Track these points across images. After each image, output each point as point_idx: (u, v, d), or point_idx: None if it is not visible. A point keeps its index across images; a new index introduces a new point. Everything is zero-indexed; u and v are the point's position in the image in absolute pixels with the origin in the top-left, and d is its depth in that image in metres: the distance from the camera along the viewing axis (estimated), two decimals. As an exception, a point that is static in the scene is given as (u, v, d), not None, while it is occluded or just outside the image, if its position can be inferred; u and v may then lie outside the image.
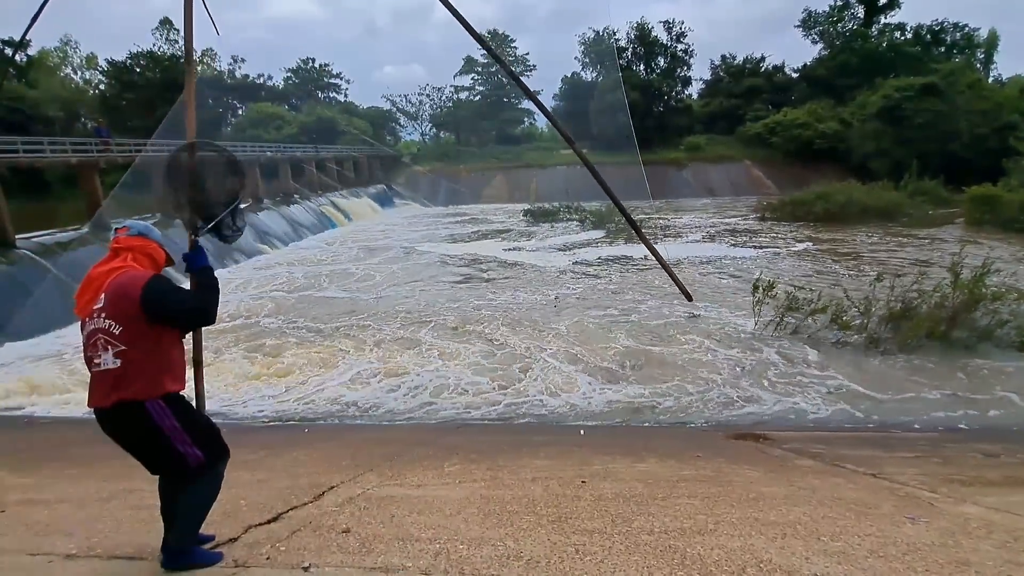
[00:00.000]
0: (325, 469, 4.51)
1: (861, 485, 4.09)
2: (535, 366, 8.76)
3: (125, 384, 1.96)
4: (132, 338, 1.96)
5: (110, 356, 1.95)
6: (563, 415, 7.30)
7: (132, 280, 1.98)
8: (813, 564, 2.27)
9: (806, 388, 7.88)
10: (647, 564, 2.29)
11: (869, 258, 16.72)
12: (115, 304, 1.95)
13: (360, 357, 9.50)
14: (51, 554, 2.44)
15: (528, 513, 3.10)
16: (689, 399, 7.62)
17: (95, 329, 1.97)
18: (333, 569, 2.24)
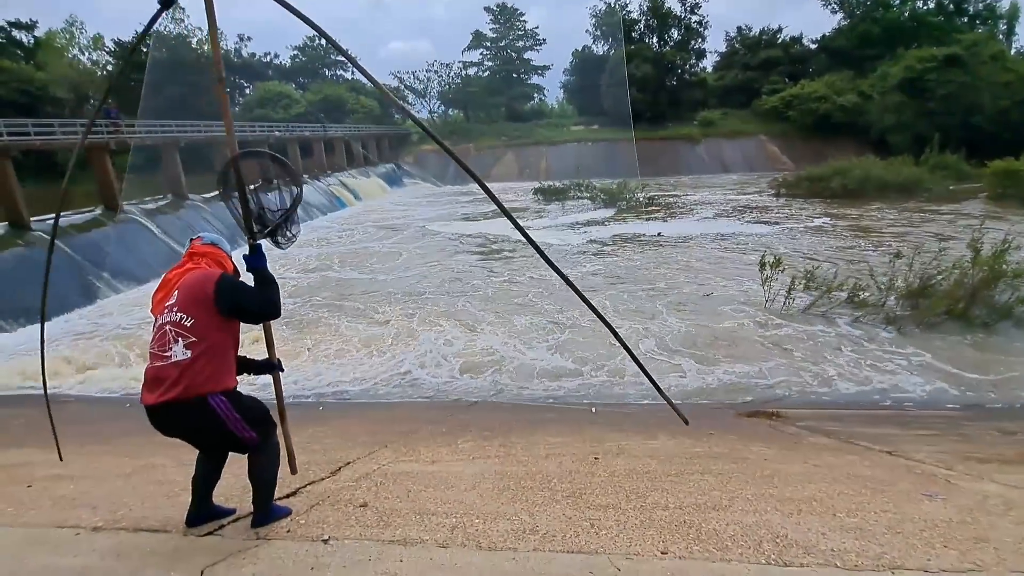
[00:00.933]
0: (341, 445, 4.57)
1: (877, 462, 4.07)
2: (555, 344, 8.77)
3: (191, 376, 2.05)
4: (203, 331, 2.07)
5: (180, 347, 2.04)
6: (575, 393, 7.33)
7: (206, 275, 2.12)
8: (829, 540, 2.26)
9: (820, 366, 7.81)
10: (662, 538, 2.29)
11: (887, 234, 16.40)
12: (189, 298, 2.07)
13: (375, 337, 9.58)
14: (78, 527, 2.51)
15: (543, 488, 3.12)
16: (702, 377, 7.61)
17: (166, 322, 2.07)
18: (352, 541, 2.28)
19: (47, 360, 9.40)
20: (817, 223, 18.74)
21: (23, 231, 14.43)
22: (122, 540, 2.33)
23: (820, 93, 37.96)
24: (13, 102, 31.10)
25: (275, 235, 2.33)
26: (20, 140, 15.82)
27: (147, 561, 2.12)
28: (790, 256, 13.15)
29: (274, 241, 2.34)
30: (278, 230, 2.31)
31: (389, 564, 2.04)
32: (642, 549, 2.18)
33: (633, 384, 7.46)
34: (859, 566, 2.02)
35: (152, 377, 2.12)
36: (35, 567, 2.12)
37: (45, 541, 2.35)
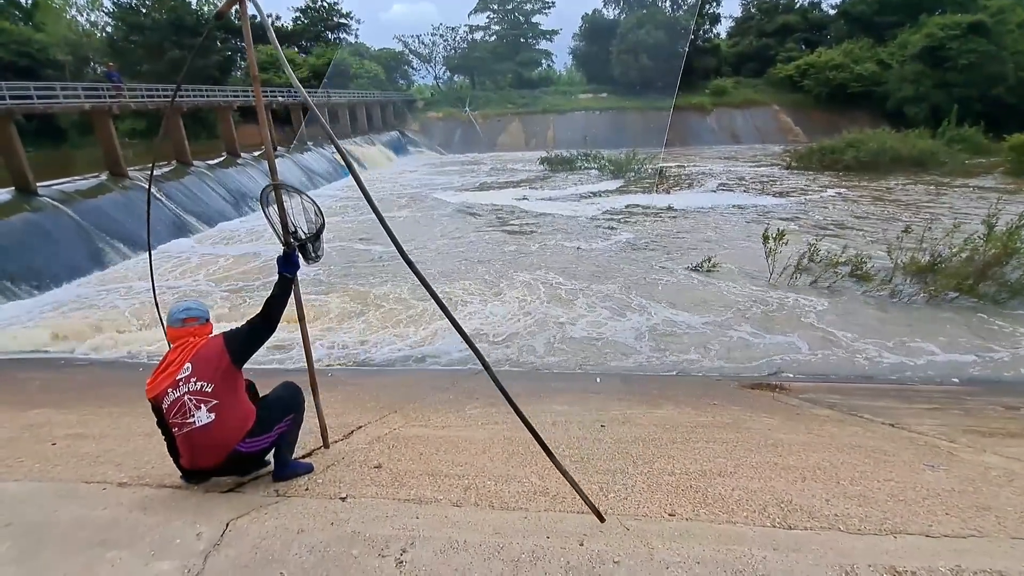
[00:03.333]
0: (351, 410, 4.66)
1: (879, 434, 4.13)
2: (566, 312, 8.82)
3: (221, 435, 2.32)
4: (221, 393, 2.32)
5: (204, 412, 2.28)
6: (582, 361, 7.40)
7: (212, 341, 2.38)
8: (833, 506, 2.32)
9: (824, 339, 7.84)
10: (670, 501, 2.36)
11: (898, 208, 16.19)
12: (205, 368, 2.29)
13: (384, 305, 9.64)
14: (104, 482, 2.60)
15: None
16: (705, 349, 7.66)
17: (183, 394, 2.28)
18: (369, 499, 2.35)
19: (53, 326, 9.50)
20: (827, 196, 18.50)
21: (30, 196, 14.41)
22: (148, 495, 2.42)
23: (837, 62, 36.87)
24: (13, 64, 30.67)
25: (305, 248, 2.63)
26: (22, 103, 15.65)
27: (172, 515, 2.20)
28: (798, 229, 13.05)
29: (304, 256, 2.63)
30: (308, 246, 2.63)
31: (406, 520, 2.11)
32: (650, 511, 2.25)
33: (636, 354, 7.54)
34: (862, 530, 2.08)
35: (184, 443, 2.36)
36: (67, 518, 2.21)
37: (74, 495, 2.44)
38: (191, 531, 2.05)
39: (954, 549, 1.93)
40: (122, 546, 2.00)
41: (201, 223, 17.73)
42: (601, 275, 10.85)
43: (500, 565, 1.82)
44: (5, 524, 2.16)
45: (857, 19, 42.33)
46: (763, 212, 16.40)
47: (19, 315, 10.31)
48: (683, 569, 1.77)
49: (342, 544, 1.95)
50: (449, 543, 1.93)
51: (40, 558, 1.97)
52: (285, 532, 2.02)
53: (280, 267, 2.56)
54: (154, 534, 2.05)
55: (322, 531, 2.03)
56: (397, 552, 1.89)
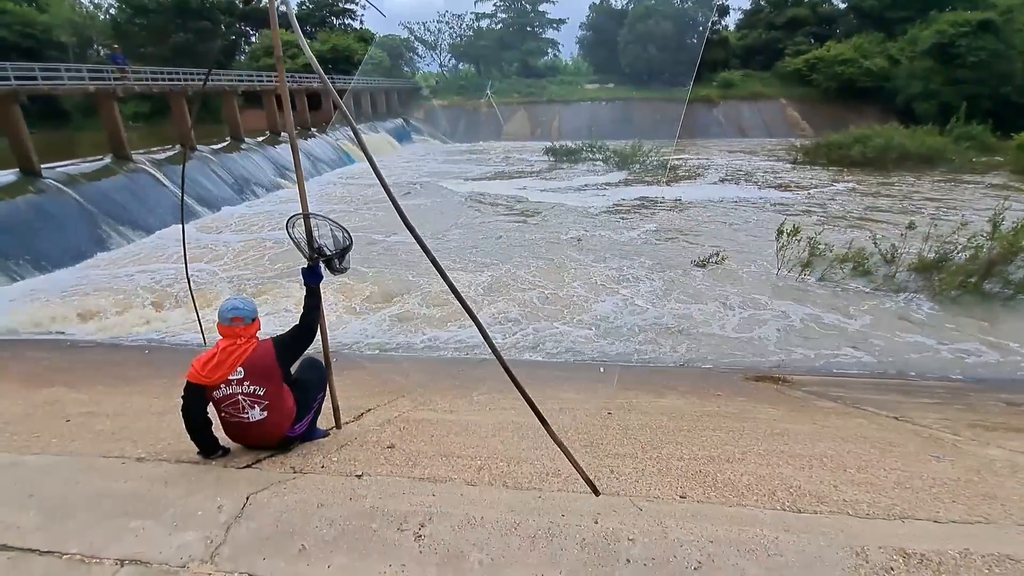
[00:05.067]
0: (360, 394, 4.71)
1: (884, 426, 4.17)
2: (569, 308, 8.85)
3: (273, 428, 2.65)
4: (272, 395, 2.60)
5: (257, 411, 2.58)
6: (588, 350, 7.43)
7: (263, 352, 2.59)
8: (841, 492, 2.36)
9: (827, 334, 7.88)
10: (680, 485, 2.40)
11: (905, 205, 16.14)
12: (257, 374, 2.55)
13: (389, 292, 9.67)
14: (122, 457, 2.64)
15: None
16: (709, 341, 7.69)
17: (237, 393, 2.55)
18: (384, 477, 2.39)
19: (63, 306, 9.55)
20: (833, 191, 18.43)
21: (34, 178, 14.40)
22: (167, 469, 2.46)
23: (846, 56, 36.51)
24: (17, 46, 30.51)
25: (331, 263, 2.85)
26: (27, 84, 15.58)
27: (193, 488, 2.24)
28: (806, 224, 13.01)
29: (330, 268, 2.85)
30: (333, 261, 2.84)
31: (423, 497, 2.15)
32: (661, 493, 2.29)
33: (638, 344, 7.57)
34: (871, 515, 2.11)
35: (234, 430, 2.66)
36: (90, 491, 2.25)
37: (94, 468, 2.49)
38: (212, 504, 2.09)
39: (962, 534, 1.97)
40: (145, 516, 2.04)
41: (205, 207, 17.74)
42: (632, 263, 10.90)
43: (517, 540, 1.86)
44: (29, 495, 2.20)
45: (867, 14, 41.90)
46: (771, 206, 16.37)
47: (24, 296, 10.36)
48: (696, 548, 1.80)
49: (361, 518, 1.98)
50: (466, 519, 1.96)
51: (65, 527, 2.01)
52: (305, 506, 2.06)
53: (305, 279, 2.81)
54: (176, 506, 2.09)
55: (341, 506, 2.07)
56: (415, 527, 1.93)
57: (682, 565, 1.73)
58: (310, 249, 2.79)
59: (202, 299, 9.67)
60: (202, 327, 5.01)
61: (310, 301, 2.79)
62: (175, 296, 9.81)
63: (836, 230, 12.94)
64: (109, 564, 1.81)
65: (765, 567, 1.72)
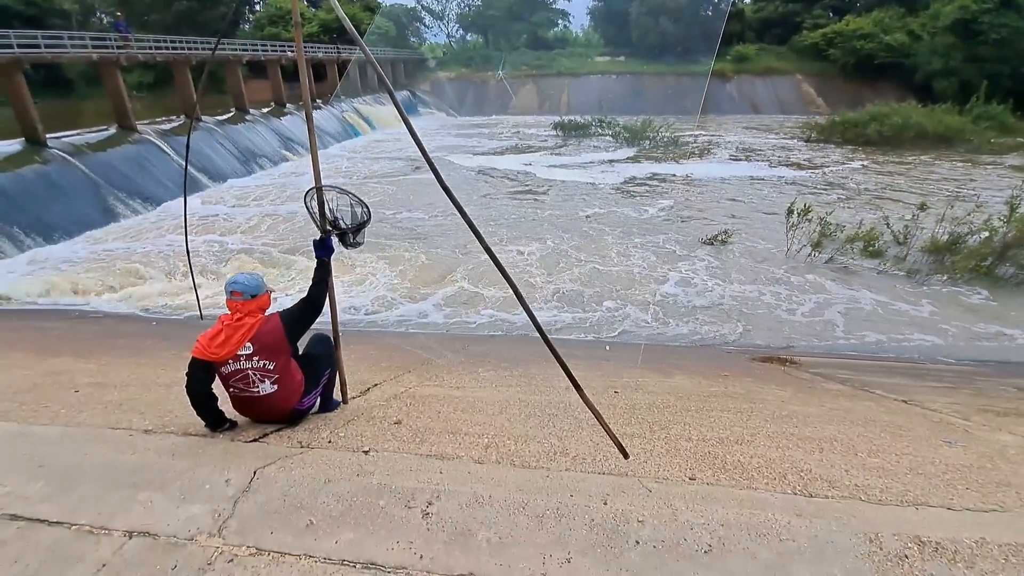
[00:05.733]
0: (366, 368, 4.71)
1: (893, 410, 4.12)
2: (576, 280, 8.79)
3: (282, 399, 2.65)
4: (282, 368, 2.60)
5: (267, 384, 2.58)
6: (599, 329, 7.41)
7: (271, 327, 2.57)
8: (853, 476, 2.33)
9: (836, 316, 7.81)
10: (690, 466, 2.37)
11: (921, 186, 15.83)
12: (266, 348, 2.54)
13: (393, 268, 9.64)
14: (130, 428, 2.64)
15: (567, 416, 3.22)
16: (716, 321, 7.65)
17: (247, 368, 2.54)
18: (391, 453, 2.38)
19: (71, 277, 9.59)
20: (847, 170, 18.08)
21: (39, 148, 14.31)
22: (174, 442, 2.46)
23: (866, 31, 35.40)
24: (20, 14, 30.04)
25: (344, 237, 2.81)
26: (31, 52, 15.36)
27: (200, 461, 2.24)
28: (818, 203, 12.81)
29: (343, 242, 2.82)
30: (346, 236, 2.81)
31: (430, 475, 2.14)
32: (670, 474, 2.27)
33: (644, 324, 7.54)
34: (883, 501, 2.08)
35: (244, 404, 2.68)
36: (99, 461, 2.25)
37: (102, 439, 2.49)
38: (220, 477, 2.08)
39: (977, 522, 1.94)
40: (153, 488, 2.04)
41: (210, 179, 17.63)
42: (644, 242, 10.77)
43: (525, 520, 1.84)
44: (39, 465, 2.21)
45: (889, -14, 40.43)
46: (785, 184, 16.11)
47: (33, 266, 10.41)
48: (707, 531, 1.78)
49: (368, 494, 1.97)
50: (474, 497, 1.95)
51: (73, 497, 2.01)
52: (312, 481, 2.05)
53: (316, 251, 2.77)
54: (183, 479, 2.09)
55: (348, 481, 2.06)
56: (423, 504, 1.91)
57: (692, 548, 1.71)
58: (322, 220, 2.74)
59: (214, 272, 9.71)
60: (199, 301, 5.11)
61: (319, 274, 2.76)
62: (182, 268, 9.82)
63: (849, 210, 12.74)
64: (117, 536, 1.81)
65: (777, 552, 1.70)
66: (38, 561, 1.72)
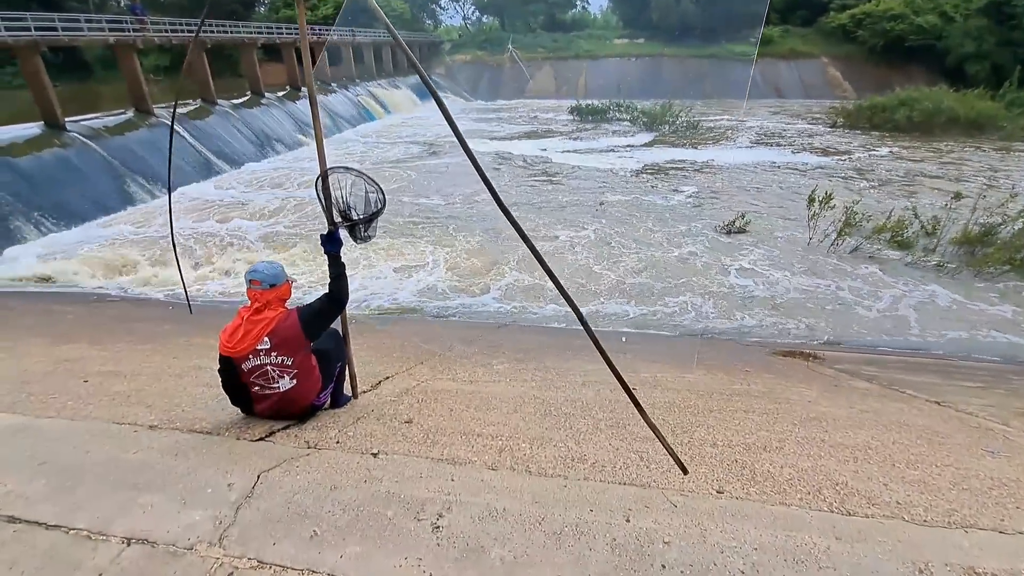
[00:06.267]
0: (377, 360, 4.62)
1: (927, 412, 3.93)
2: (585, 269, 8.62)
3: (302, 395, 2.62)
4: (301, 364, 2.56)
5: (287, 380, 2.54)
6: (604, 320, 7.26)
7: (289, 323, 2.50)
8: (893, 491, 2.17)
9: (860, 309, 7.55)
10: (716, 477, 2.23)
11: (952, 174, 15.24)
12: (284, 344, 2.48)
13: (408, 256, 9.56)
14: (135, 424, 2.58)
15: (584, 416, 3.09)
16: (735, 313, 7.44)
17: (264, 363, 2.49)
18: (401, 456, 2.28)
19: (91, 260, 9.65)
20: (874, 157, 17.49)
21: (59, 131, 14.41)
22: (178, 440, 2.38)
23: (896, 11, 34.01)
24: (38, -5, 30.15)
25: (354, 230, 2.68)
26: (47, 35, 15.39)
27: (204, 460, 2.16)
28: (844, 191, 12.41)
29: (352, 235, 2.71)
30: (356, 228, 2.67)
31: (442, 482, 2.03)
32: (696, 486, 2.13)
33: (654, 316, 7.36)
34: (928, 521, 1.93)
35: (264, 401, 2.59)
36: (100, 459, 2.19)
37: (106, 435, 2.42)
38: (222, 480, 2.00)
39: (1035, 549, 1.78)
40: (154, 490, 1.96)
41: (226, 163, 17.65)
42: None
43: (542, 537, 1.73)
44: (40, 463, 2.15)
45: (922, -35, 38.75)
46: (808, 171, 15.64)
47: (53, 250, 10.52)
48: (739, 555, 1.65)
49: (376, 503, 1.87)
50: (487, 510, 1.84)
51: (74, 497, 1.95)
52: (318, 488, 1.96)
53: (324, 246, 2.66)
54: (185, 481, 2.01)
55: (355, 488, 1.96)
56: (433, 516, 1.81)
57: (724, 575, 1.58)
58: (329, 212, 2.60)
59: (236, 257, 9.72)
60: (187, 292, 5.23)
61: (333, 270, 2.67)
62: (198, 252, 9.85)
63: (876, 199, 12.32)
64: (115, 542, 1.73)
65: (815, 580, 1.57)
66: (34, 568, 1.65)
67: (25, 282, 9.07)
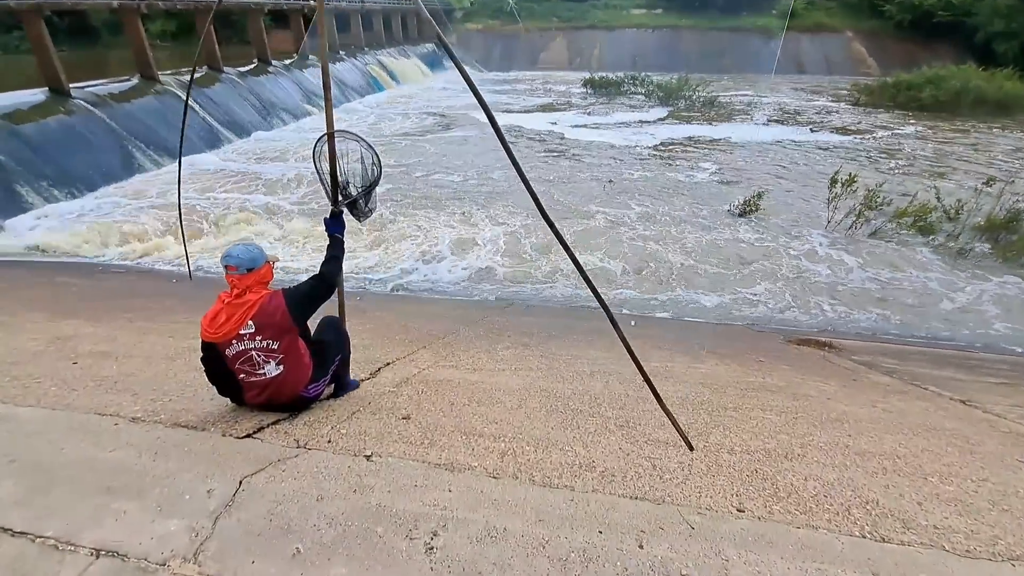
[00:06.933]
0: (380, 343, 4.47)
1: (952, 412, 3.73)
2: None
3: (290, 383, 2.49)
4: (287, 348, 2.43)
5: (272, 366, 2.41)
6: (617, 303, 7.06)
7: (273, 305, 2.38)
8: (929, 513, 1.99)
9: (879, 296, 7.29)
10: (736, 491, 2.06)
11: (978, 157, 14.66)
12: (268, 327, 2.36)
13: (416, 230, 9.35)
14: (117, 415, 2.44)
15: (593, 414, 2.93)
16: (748, 297, 7.22)
17: (248, 348, 2.36)
18: (396, 460, 2.13)
19: (89, 231, 9.50)
20: (900, 136, 16.87)
21: (64, 98, 14.16)
22: (160, 436, 2.24)
23: (927, -16, 32.51)
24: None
25: (355, 206, 2.63)
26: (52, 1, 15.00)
27: (183, 464, 2.02)
28: (865, 172, 11.97)
29: (353, 212, 2.64)
30: (357, 204, 2.62)
31: (437, 494, 1.87)
32: (714, 503, 1.96)
33: (665, 302, 7.15)
34: (971, 552, 1.75)
35: (252, 389, 2.48)
36: (76, 457, 2.05)
37: (85, 429, 2.29)
38: (202, 486, 1.86)
39: (1095, 590, 1.60)
40: (129, 496, 1.82)
41: (234, 133, 17.36)
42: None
43: (545, 563, 1.57)
44: (11, 460, 2.02)
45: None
46: (830, 149, 15.12)
47: (56, 219, 10.40)
48: (765, 592, 1.48)
49: (366, 518, 1.72)
50: (487, 529, 1.68)
51: (44, 501, 1.82)
52: (303, 497, 1.81)
53: (328, 227, 2.62)
54: (163, 486, 1.87)
55: (344, 500, 1.81)
56: (427, 535, 1.66)
57: (747, 615, 1.42)
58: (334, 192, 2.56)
59: (241, 229, 9.55)
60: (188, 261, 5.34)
61: (332, 251, 2.60)
62: (206, 226, 9.70)
63: (896, 180, 11.87)
64: (84, 554, 1.60)
65: (850, 623, 1.40)
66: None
67: (30, 251, 9.00)
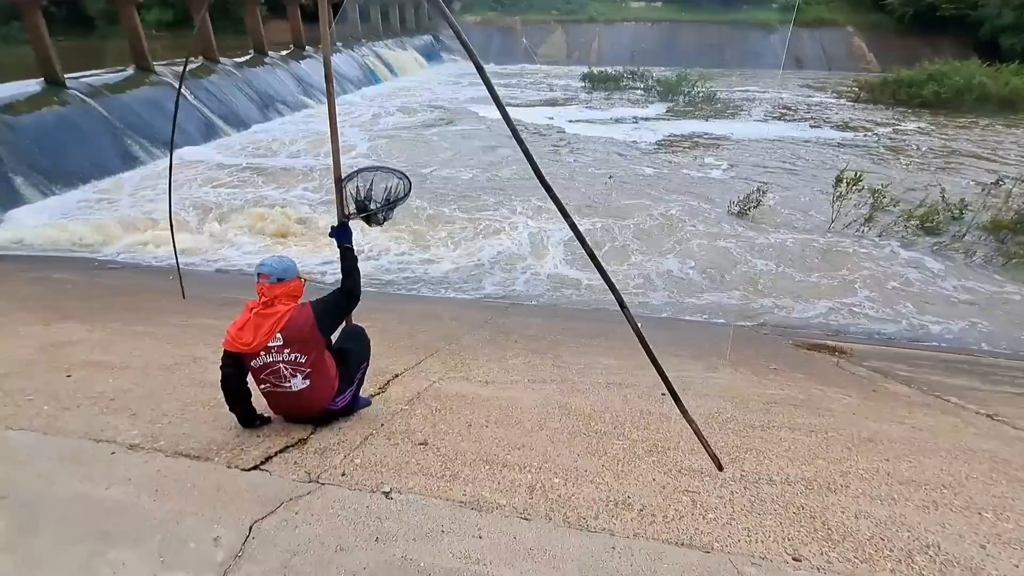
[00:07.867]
0: (386, 350, 4.29)
1: (984, 431, 3.61)
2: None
3: (318, 397, 2.49)
4: (315, 362, 2.42)
5: (300, 379, 2.40)
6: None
7: (302, 318, 2.38)
8: (995, 560, 1.85)
9: (886, 298, 7.19)
10: (785, 534, 1.91)
11: (982, 154, 14.54)
12: (297, 340, 2.35)
13: (419, 227, 9.18)
14: (114, 441, 2.26)
15: (618, 436, 2.78)
16: (756, 299, 7.09)
17: (277, 361, 2.36)
18: (417, 497, 1.97)
19: (85, 226, 9.27)
20: (901, 133, 16.73)
21: (59, 88, 13.82)
22: (160, 468, 2.07)
23: (932, -22, 32.26)
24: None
25: (370, 218, 2.67)
26: (44, -13, 14.60)
27: (187, 502, 1.85)
28: (867, 171, 11.84)
29: (366, 220, 2.69)
30: (373, 217, 2.65)
31: (467, 543, 1.71)
32: (767, 549, 1.81)
33: (670, 302, 7.01)
34: (1051, 607, 1.61)
35: (276, 400, 2.49)
36: (68, 493, 1.88)
37: (79, 459, 2.12)
38: (208, 533, 1.69)
39: None
40: (127, 543, 1.66)
41: (231, 126, 17.05)
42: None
43: (594, 630, 1.41)
44: (1, 496, 1.84)
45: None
46: (832, 147, 14.97)
47: (52, 213, 10.15)
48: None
49: (391, 574, 1.56)
50: (525, 586, 1.52)
51: (35, 544, 1.65)
52: (320, 548, 1.65)
53: (338, 239, 2.63)
54: (164, 531, 1.70)
55: (365, 551, 1.64)
56: (460, 595, 1.50)
57: None
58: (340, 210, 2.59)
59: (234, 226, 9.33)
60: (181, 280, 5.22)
61: (346, 264, 2.60)
62: (204, 219, 9.48)
63: (900, 179, 11.74)
64: (77, 615, 1.43)
65: None
66: (-23, 649, 1.36)
67: (23, 245, 8.77)
